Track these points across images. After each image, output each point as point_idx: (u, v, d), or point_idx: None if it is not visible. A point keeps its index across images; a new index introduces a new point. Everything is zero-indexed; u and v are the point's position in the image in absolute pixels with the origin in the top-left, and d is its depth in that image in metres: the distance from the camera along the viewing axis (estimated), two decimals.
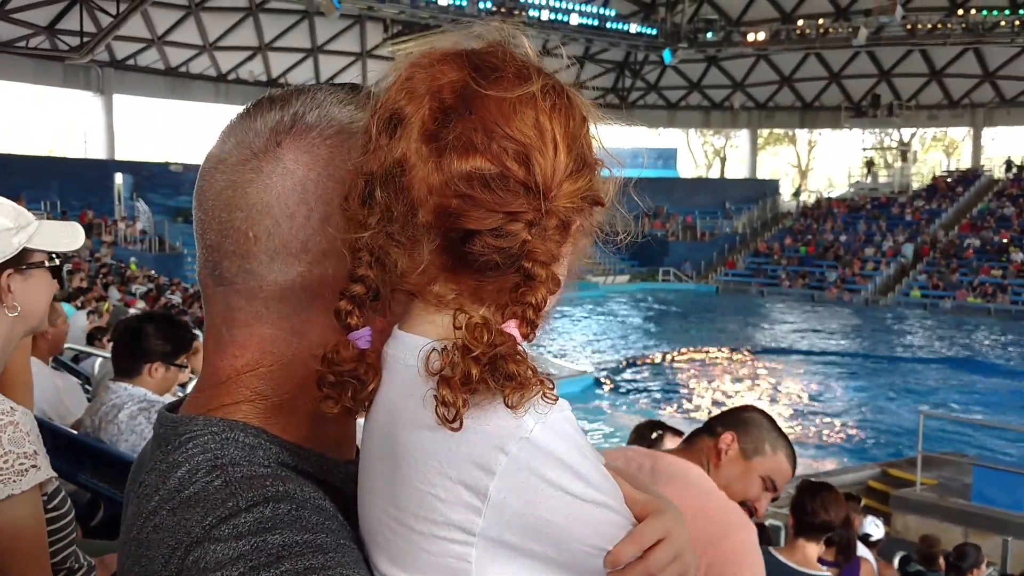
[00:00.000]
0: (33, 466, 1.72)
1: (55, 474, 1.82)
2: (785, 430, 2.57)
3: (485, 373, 0.70)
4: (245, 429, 0.86)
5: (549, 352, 21.58)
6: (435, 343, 0.73)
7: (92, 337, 7.98)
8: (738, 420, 2.42)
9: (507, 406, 0.71)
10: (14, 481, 1.69)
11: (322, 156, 0.88)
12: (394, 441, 0.76)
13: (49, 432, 2.24)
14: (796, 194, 49.62)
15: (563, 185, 0.74)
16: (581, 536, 0.74)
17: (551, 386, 0.72)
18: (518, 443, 0.71)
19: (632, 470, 1.11)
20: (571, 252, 0.80)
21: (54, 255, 2.00)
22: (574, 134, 0.76)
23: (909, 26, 37.35)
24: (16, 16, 30.92)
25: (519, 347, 0.73)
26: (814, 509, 3.92)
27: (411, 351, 0.76)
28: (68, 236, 2.00)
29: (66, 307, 7.96)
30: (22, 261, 1.91)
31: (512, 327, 0.73)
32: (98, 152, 36.21)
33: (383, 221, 0.75)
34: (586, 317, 30.50)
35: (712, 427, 2.43)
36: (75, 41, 32.19)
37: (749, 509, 2.34)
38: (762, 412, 2.52)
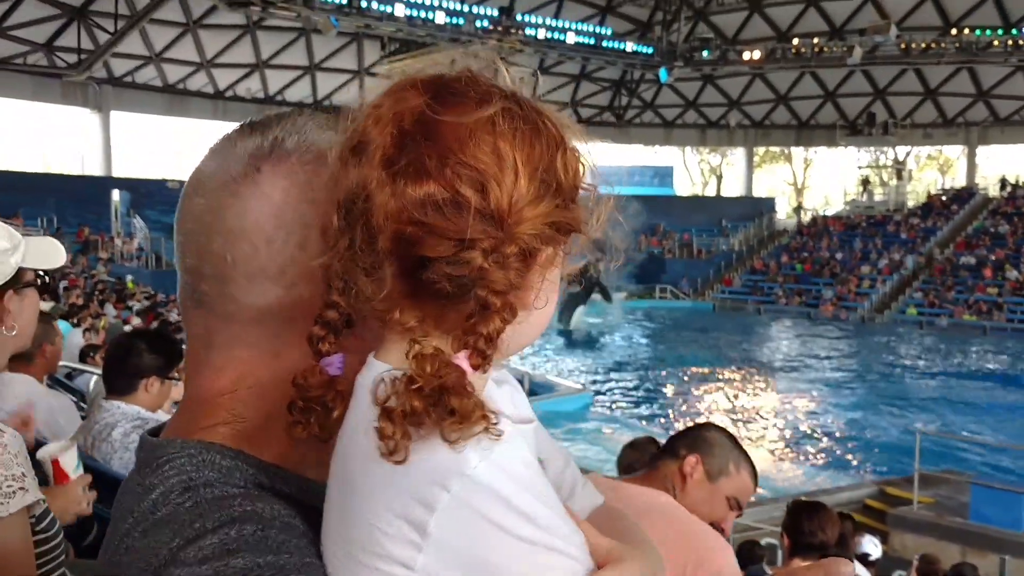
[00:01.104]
0: (21, 488, 1.70)
1: (43, 496, 1.80)
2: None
3: (428, 406, 0.69)
4: (222, 451, 0.85)
5: (544, 369, 21.55)
6: (385, 373, 0.72)
7: (84, 354, 7.95)
8: (701, 441, 2.39)
9: (444, 440, 0.69)
10: (1, 504, 1.67)
11: (300, 181, 0.88)
12: (347, 470, 0.75)
13: None
14: (796, 211, 49.73)
15: (523, 211, 0.72)
16: None
17: (496, 422, 0.70)
18: (460, 480, 0.69)
19: (617, 510, 1.08)
20: (544, 280, 0.76)
21: (42, 272, 2.00)
22: (539, 159, 0.74)
23: (903, 45, 37.60)
24: (14, 33, 31.06)
25: (466, 380, 0.71)
26: (812, 530, 3.88)
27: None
28: (53, 253, 2.00)
29: (62, 324, 7.93)
30: (18, 281, 1.91)
31: (462, 358, 0.72)
32: (95, 169, 36.28)
33: (350, 248, 0.74)
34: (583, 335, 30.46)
35: (675, 449, 2.40)
36: (73, 58, 32.32)
37: (716, 530, 2.32)
38: (722, 430, 2.52)
